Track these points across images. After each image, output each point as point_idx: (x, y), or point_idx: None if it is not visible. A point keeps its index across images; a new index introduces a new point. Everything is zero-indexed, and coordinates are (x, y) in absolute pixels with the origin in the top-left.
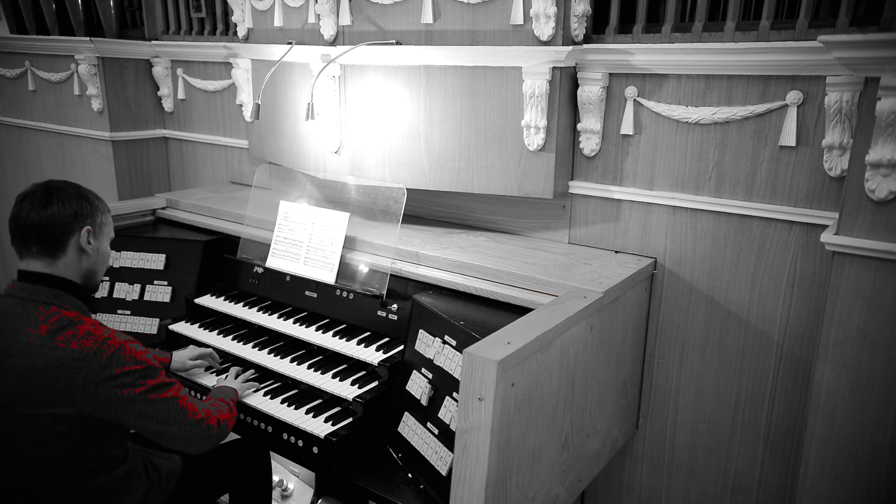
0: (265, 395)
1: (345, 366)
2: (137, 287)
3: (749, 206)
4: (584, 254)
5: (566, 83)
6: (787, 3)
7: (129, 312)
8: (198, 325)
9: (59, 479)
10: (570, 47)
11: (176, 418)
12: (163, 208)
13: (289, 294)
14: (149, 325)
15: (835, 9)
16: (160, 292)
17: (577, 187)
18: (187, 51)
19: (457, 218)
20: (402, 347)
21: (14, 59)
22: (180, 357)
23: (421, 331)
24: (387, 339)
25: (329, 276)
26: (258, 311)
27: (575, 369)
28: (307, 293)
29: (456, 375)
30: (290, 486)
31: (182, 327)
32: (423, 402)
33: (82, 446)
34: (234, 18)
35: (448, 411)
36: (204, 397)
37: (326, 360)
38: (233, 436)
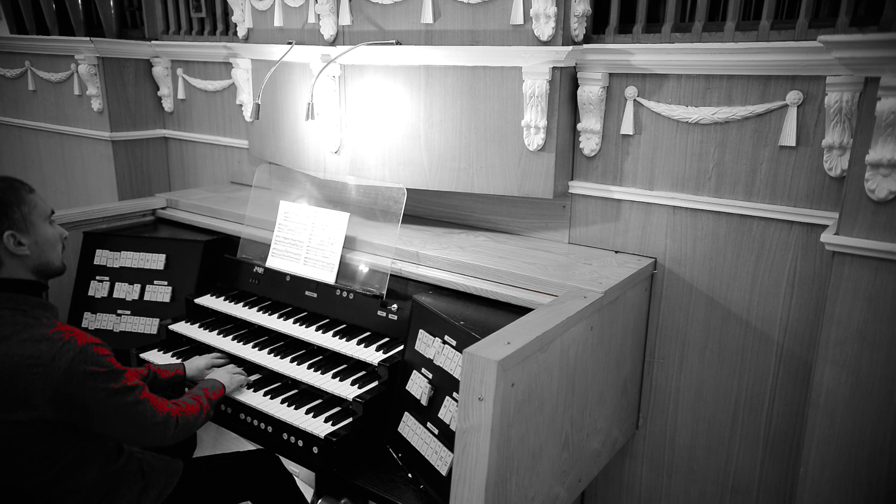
0: (265, 394)
1: (345, 366)
2: (137, 287)
3: (749, 206)
4: (584, 254)
5: (566, 83)
6: (787, 3)
7: (129, 312)
8: (198, 325)
9: (38, 479)
10: (570, 47)
11: (137, 422)
12: (163, 208)
13: (289, 294)
14: (149, 325)
15: (835, 9)
16: (160, 292)
17: (577, 187)
18: (187, 51)
19: (457, 218)
20: (402, 347)
21: (14, 59)
22: (195, 365)
23: (421, 331)
24: (387, 339)
25: (329, 276)
26: (258, 311)
27: (575, 369)
28: (307, 293)
29: (456, 375)
30: None
31: (182, 327)
32: (423, 402)
33: (50, 449)
34: (234, 18)
35: (448, 411)
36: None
37: (326, 360)
38: (246, 445)
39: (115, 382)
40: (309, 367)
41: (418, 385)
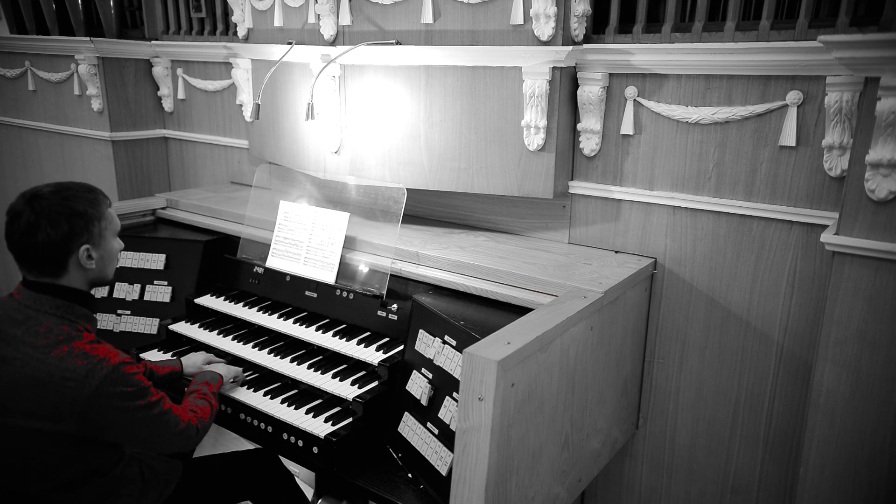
0: (265, 394)
1: (345, 366)
2: (137, 287)
3: (749, 206)
4: (584, 254)
5: (566, 83)
6: (787, 3)
7: (129, 312)
8: (198, 325)
9: (38, 486)
10: (570, 47)
11: (162, 433)
12: (163, 208)
13: (289, 294)
14: (149, 325)
15: (835, 9)
16: (160, 292)
17: (577, 187)
18: (187, 51)
19: (457, 218)
20: (402, 347)
21: (14, 59)
22: (191, 362)
23: (421, 331)
24: (387, 339)
25: (329, 276)
26: (258, 311)
27: (575, 369)
28: (307, 293)
29: (456, 375)
30: None
31: (182, 327)
32: (423, 402)
33: (64, 459)
34: (234, 18)
35: (448, 411)
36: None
37: (326, 360)
38: (246, 444)
39: (142, 399)
40: (309, 367)
41: (418, 385)
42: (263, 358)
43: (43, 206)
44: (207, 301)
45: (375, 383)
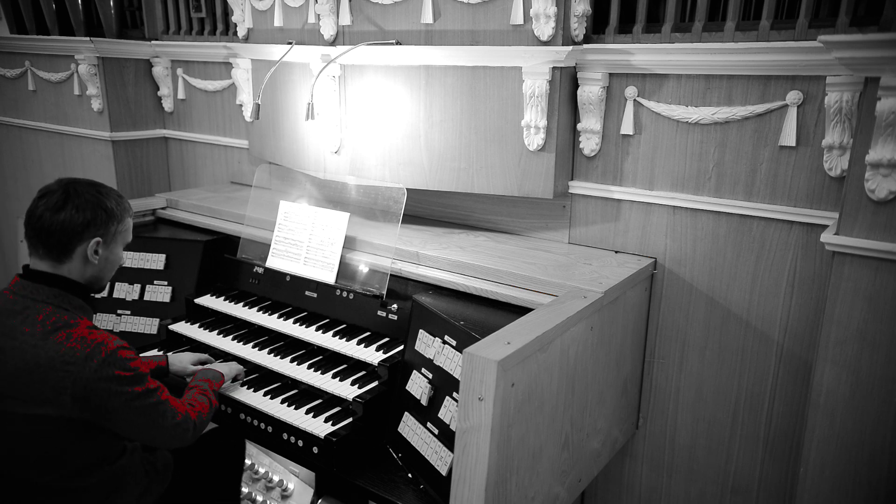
0: (265, 394)
1: (345, 366)
2: (137, 287)
3: (749, 206)
4: (584, 254)
5: (566, 83)
6: (787, 3)
7: (129, 312)
8: (198, 325)
9: (48, 475)
10: (570, 47)
11: (158, 423)
12: (163, 208)
13: (289, 294)
14: (149, 325)
15: (835, 9)
16: (160, 292)
17: (577, 187)
18: (187, 51)
19: (457, 218)
20: (402, 347)
21: (14, 59)
22: (179, 359)
23: (421, 331)
24: (387, 339)
25: (329, 276)
26: (258, 311)
27: (575, 369)
28: (307, 293)
29: (456, 375)
30: (290, 486)
31: (182, 327)
32: (423, 402)
33: (69, 446)
34: (234, 18)
35: (448, 411)
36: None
37: (326, 360)
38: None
39: (139, 385)
40: (309, 367)
41: (418, 385)
42: (263, 358)
43: (76, 191)
44: (207, 301)
45: (375, 383)
